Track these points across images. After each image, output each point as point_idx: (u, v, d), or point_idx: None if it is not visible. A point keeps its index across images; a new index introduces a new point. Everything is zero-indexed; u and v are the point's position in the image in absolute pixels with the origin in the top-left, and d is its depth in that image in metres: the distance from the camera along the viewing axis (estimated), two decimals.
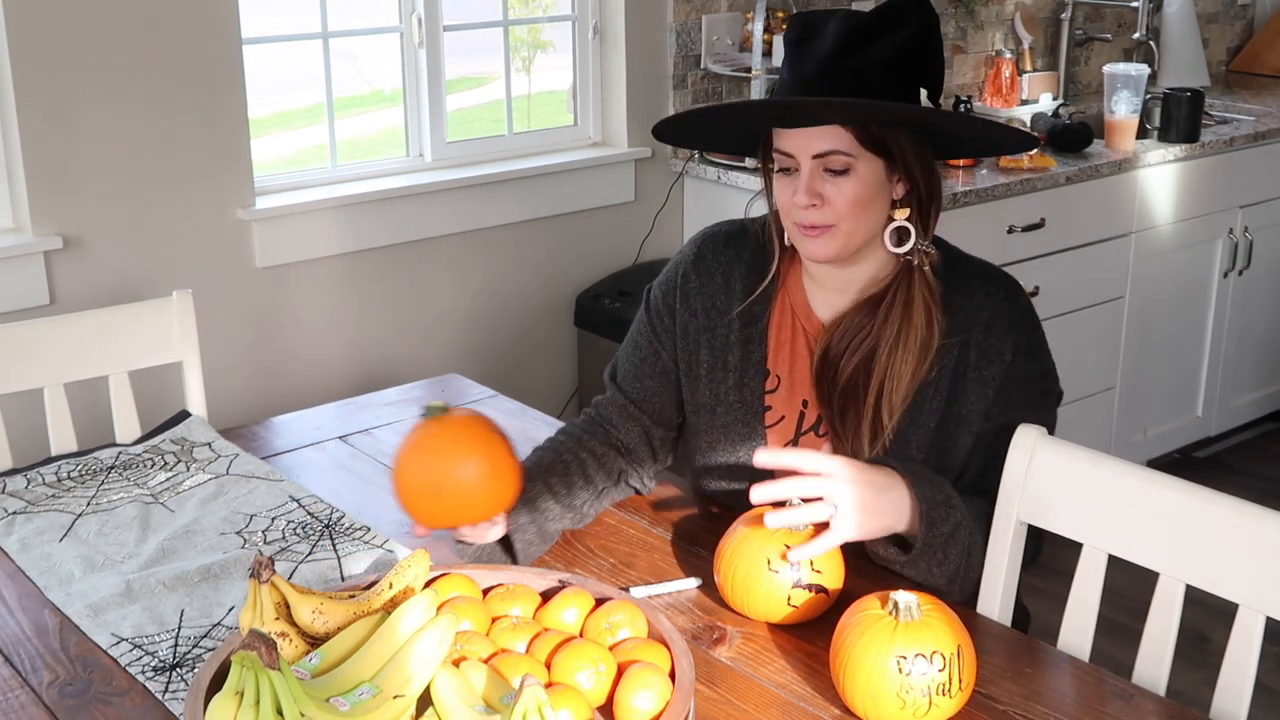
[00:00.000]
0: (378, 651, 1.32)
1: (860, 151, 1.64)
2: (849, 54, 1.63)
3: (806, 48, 1.66)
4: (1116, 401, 3.84)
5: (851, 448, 1.71)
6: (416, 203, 3.20)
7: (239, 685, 1.22)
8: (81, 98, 2.72)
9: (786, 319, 1.80)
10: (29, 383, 2.12)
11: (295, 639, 1.38)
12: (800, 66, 1.66)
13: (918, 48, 1.67)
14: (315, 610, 1.39)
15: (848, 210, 1.66)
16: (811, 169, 1.66)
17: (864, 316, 1.72)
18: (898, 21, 1.65)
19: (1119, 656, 1.73)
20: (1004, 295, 1.73)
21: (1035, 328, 1.75)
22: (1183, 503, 1.55)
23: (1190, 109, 3.71)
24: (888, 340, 1.69)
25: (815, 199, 1.66)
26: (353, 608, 1.41)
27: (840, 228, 1.67)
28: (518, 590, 1.51)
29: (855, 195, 1.65)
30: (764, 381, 1.79)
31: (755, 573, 1.54)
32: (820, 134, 1.64)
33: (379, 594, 1.42)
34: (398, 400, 2.28)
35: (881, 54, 1.63)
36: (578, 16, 3.48)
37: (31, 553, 1.76)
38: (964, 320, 1.70)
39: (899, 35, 1.64)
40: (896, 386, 1.69)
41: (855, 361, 1.71)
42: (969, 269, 1.76)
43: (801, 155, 1.66)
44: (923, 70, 1.69)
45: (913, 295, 1.69)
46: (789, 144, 1.67)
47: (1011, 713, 1.43)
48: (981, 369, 1.69)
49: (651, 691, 1.32)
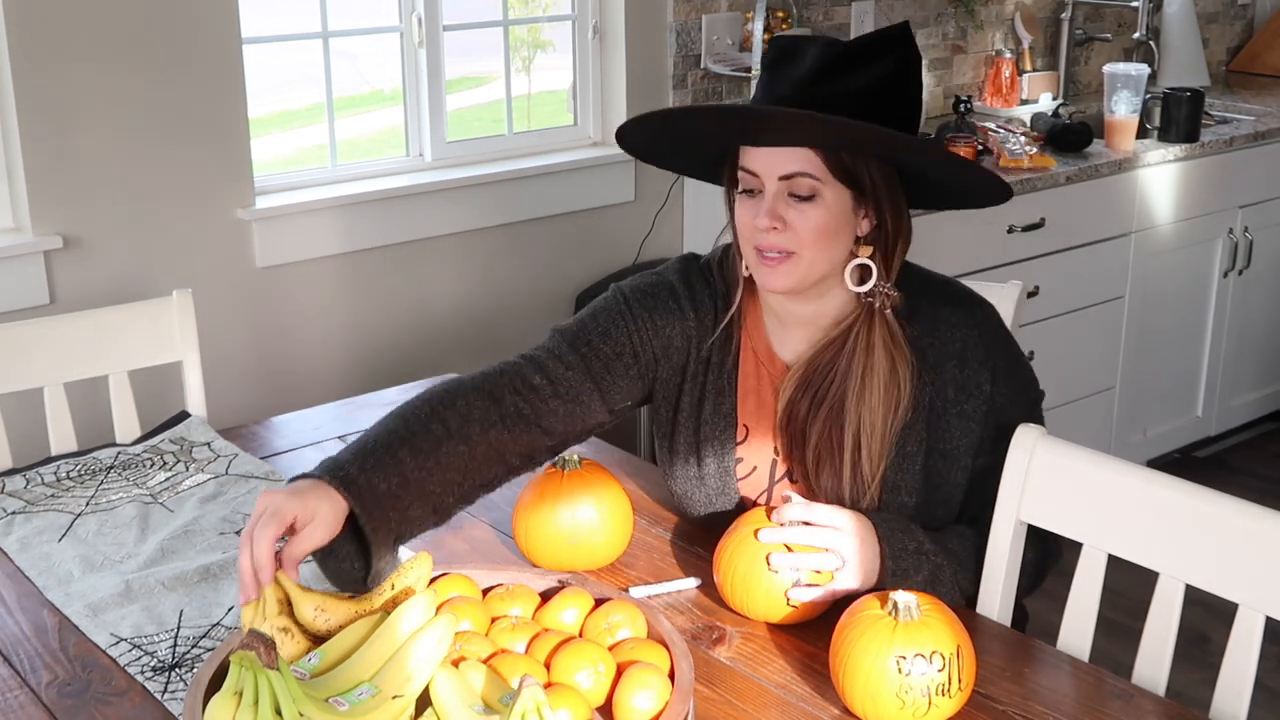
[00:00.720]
0: (377, 651, 1.32)
1: (828, 178, 1.58)
2: (824, 80, 1.58)
3: (782, 70, 1.61)
4: (1116, 401, 3.84)
5: (833, 502, 1.65)
6: (416, 202, 3.19)
7: (238, 685, 1.22)
8: (81, 97, 2.72)
9: (750, 365, 1.74)
10: (28, 382, 2.12)
11: (297, 635, 1.39)
12: (774, 87, 1.61)
13: (896, 82, 1.61)
14: (317, 608, 1.40)
15: (810, 239, 1.59)
16: (776, 191, 1.60)
17: (824, 363, 1.67)
18: (878, 54, 1.60)
19: (1119, 656, 1.73)
20: (972, 322, 1.67)
21: (1008, 344, 1.70)
22: (1183, 503, 1.55)
23: (1190, 109, 3.71)
24: (854, 389, 1.64)
25: (777, 221, 1.59)
26: (354, 606, 1.42)
27: (801, 256, 1.60)
28: (517, 590, 1.51)
29: (819, 224, 1.59)
30: (734, 433, 1.74)
31: (755, 572, 1.54)
32: (788, 155, 1.58)
33: (380, 594, 1.43)
34: (397, 400, 2.26)
35: (858, 84, 1.57)
36: (577, 16, 3.48)
37: (31, 552, 1.76)
38: (935, 356, 1.65)
39: (878, 68, 1.59)
40: (873, 435, 1.63)
41: (824, 415, 1.66)
42: (933, 296, 1.69)
43: (767, 176, 1.60)
44: (900, 106, 1.62)
45: (873, 340, 1.63)
46: (755, 162, 1.61)
47: (1011, 713, 1.43)
48: (962, 403, 1.65)
49: (651, 692, 1.32)
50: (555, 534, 1.65)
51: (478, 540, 1.80)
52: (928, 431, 1.65)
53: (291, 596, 1.41)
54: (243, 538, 1.42)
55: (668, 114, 1.72)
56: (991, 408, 1.66)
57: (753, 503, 1.75)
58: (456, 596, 1.48)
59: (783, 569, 1.54)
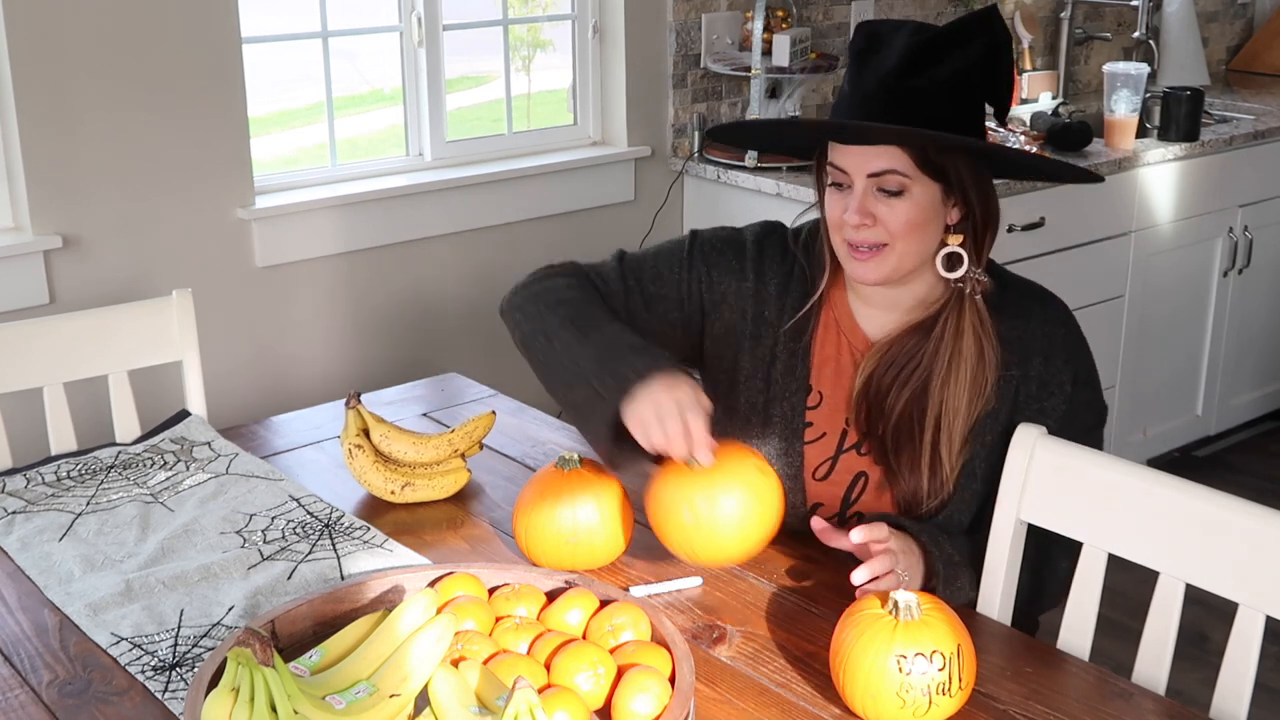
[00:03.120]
0: (376, 650, 1.32)
1: (916, 174, 1.61)
2: (912, 73, 1.59)
3: (870, 61, 1.62)
4: (1116, 400, 3.84)
5: (911, 484, 1.69)
6: (416, 202, 3.19)
7: (234, 681, 1.22)
8: (81, 97, 2.71)
9: (831, 334, 1.76)
10: (28, 382, 2.12)
11: (368, 450, 1.88)
12: (862, 81, 1.62)
13: (984, 68, 1.62)
14: (383, 434, 1.90)
15: (901, 232, 1.62)
16: (865, 187, 1.62)
17: (912, 344, 1.69)
18: (965, 39, 1.61)
19: (1119, 656, 1.73)
20: (1059, 321, 1.71)
21: (1088, 351, 1.73)
22: (1183, 502, 1.55)
23: (1190, 108, 3.71)
24: (939, 373, 1.66)
25: (867, 218, 1.62)
26: (411, 438, 1.89)
27: (893, 249, 1.63)
28: (523, 590, 1.51)
29: (909, 217, 1.62)
30: (806, 397, 1.76)
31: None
32: (876, 153, 1.61)
33: (443, 436, 1.89)
34: (397, 400, 2.28)
35: (945, 74, 1.59)
36: (577, 15, 3.48)
37: (31, 552, 1.76)
38: (1021, 350, 1.68)
39: (965, 55, 1.60)
40: (954, 421, 1.66)
41: (907, 395, 1.68)
42: (1020, 290, 1.73)
43: (856, 173, 1.62)
44: (988, 89, 1.65)
45: (963, 325, 1.66)
46: (844, 160, 1.64)
47: (1012, 712, 1.43)
48: (1043, 400, 1.68)
49: (649, 695, 1.32)
50: (555, 533, 1.64)
51: (477, 539, 1.80)
52: (1005, 423, 1.67)
53: (368, 423, 1.89)
54: (675, 432, 1.53)
55: (757, 126, 1.82)
56: (1070, 409, 1.68)
57: (815, 469, 1.76)
58: (461, 596, 1.48)
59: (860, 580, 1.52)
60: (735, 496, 1.55)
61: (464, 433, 1.94)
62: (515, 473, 2.00)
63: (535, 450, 2.08)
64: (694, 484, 1.56)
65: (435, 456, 1.92)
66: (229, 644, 1.35)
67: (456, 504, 1.91)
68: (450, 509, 1.89)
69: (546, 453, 2.06)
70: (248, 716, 1.20)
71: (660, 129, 3.54)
